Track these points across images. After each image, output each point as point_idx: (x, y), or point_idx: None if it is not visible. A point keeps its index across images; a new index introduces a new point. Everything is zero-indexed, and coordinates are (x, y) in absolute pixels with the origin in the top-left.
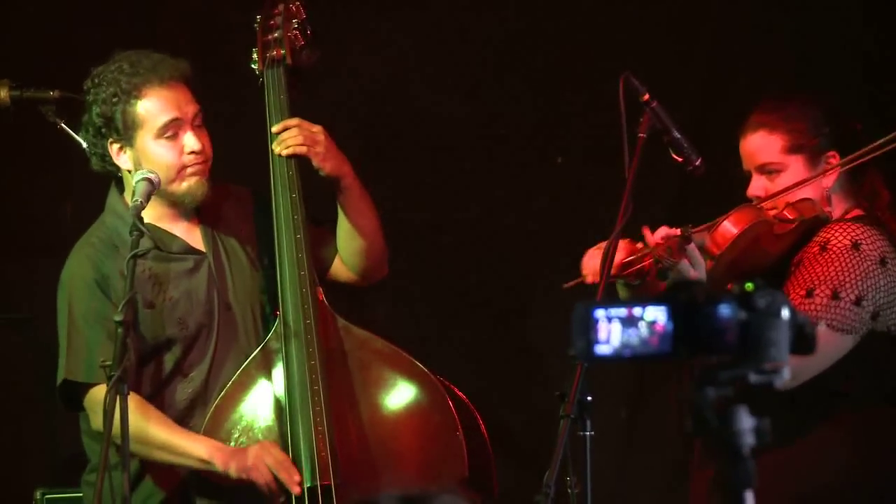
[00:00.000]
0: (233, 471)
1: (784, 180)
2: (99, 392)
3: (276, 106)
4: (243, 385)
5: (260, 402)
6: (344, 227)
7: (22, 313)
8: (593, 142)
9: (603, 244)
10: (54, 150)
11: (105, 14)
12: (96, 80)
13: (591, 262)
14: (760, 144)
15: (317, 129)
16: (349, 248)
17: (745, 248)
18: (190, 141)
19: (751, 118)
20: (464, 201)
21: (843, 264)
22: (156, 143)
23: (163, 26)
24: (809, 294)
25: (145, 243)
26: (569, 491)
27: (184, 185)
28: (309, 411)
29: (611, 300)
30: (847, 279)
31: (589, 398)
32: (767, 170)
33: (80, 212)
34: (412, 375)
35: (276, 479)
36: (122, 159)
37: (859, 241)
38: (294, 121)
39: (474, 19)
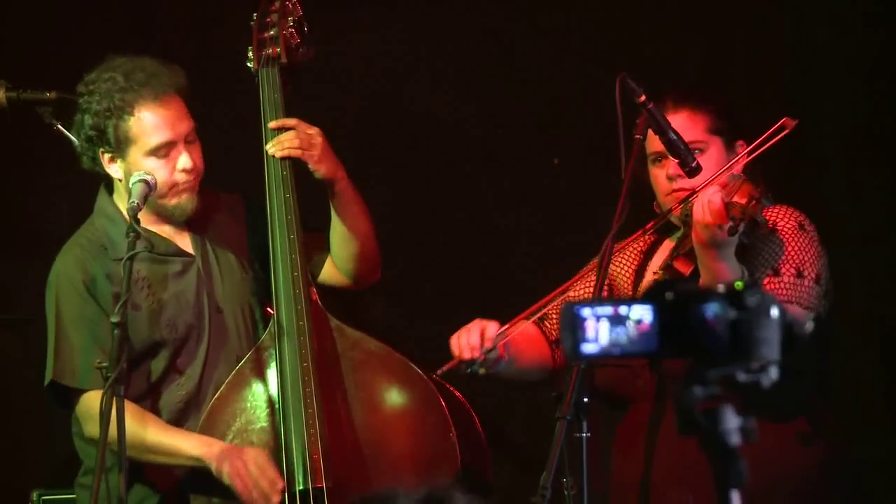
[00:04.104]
0: (224, 473)
1: (704, 161)
2: (90, 398)
3: (271, 104)
4: (237, 387)
5: (254, 404)
6: (337, 230)
7: (18, 314)
8: (590, 143)
9: (469, 325)
10: (51, 150)
11: (101, 14)
12: (90, 88)
13: (460, 340)
14: (685, 123)
15: (313, 130)
16: (342, 253)
17: None
18: (183, 160)
19: (667, 100)
20: (460, 201)
21: (798, 244)
22: (147, 160)
23: (159, 25)
24: (777, 273)
25: (138, 244)
26: (565, 493)
27: (174, 202)
28: (302, 413)
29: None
30: (806, 258)
31: (585, 400)
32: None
33: (75, 212)
34: (405, 376)
35: (259, 487)
36: (113, 168)
37: (802, 222)
38: (292, 121)
39: (470, 19)
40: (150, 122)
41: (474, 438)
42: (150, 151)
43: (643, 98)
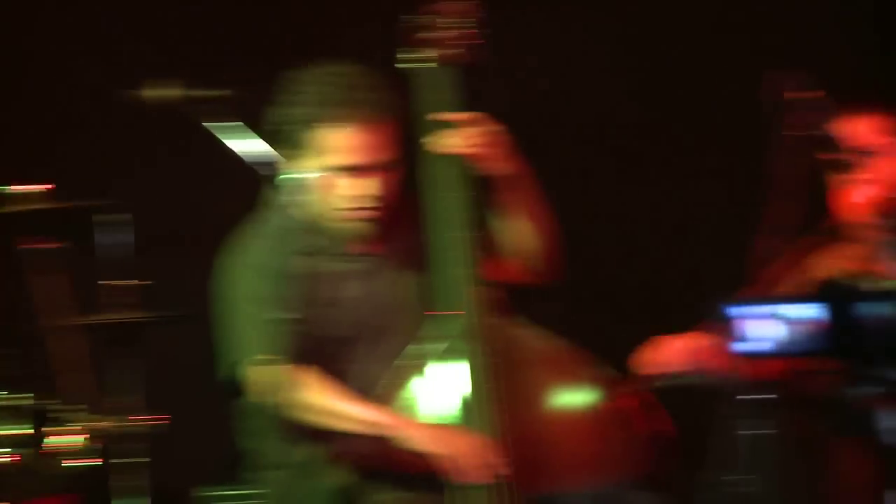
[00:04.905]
0: (436, 441)
1: (883, 164)
2: (269, 370)
3: (440, 105)
4: (404, 385)
5: (429, 402)
6: (522, 228)
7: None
8: (736, 142)
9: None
10: (209, 148)
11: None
12: (305, 87)
13: (658, 355)
14: (861, 127)
15: (497, 128)
16: (528, 249)
17: None
18: (372, 185)
19: (841, 104)
20: (625, 197)
21: None
22: (337, 174)
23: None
24: None
25: (318, 241)
26: (733, 489)
27: (349, 225)
28: (484, 411)
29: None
30: None
31: (743, 397)
32: (867, 151)
33: (228, 211)
34: (581, 375)
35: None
36: (297, 165)
37: None
38: (475, 116)
39: (641, 21)
40: (351, 142)
41: (653, 438)
42: (343, 167)
43: (796, 95)
